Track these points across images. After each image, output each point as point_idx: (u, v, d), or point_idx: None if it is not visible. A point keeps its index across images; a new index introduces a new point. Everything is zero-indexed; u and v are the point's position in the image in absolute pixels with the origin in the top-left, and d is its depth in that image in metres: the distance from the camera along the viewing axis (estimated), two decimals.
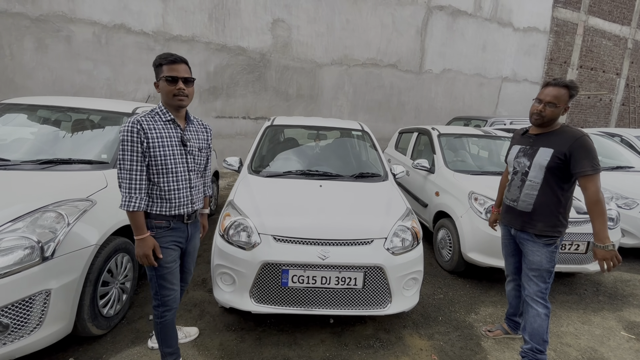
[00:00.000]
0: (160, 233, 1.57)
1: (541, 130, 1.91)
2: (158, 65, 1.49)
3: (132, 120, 1.44)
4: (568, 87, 1.81)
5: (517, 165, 1.99)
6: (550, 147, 1.83)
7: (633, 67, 12.55)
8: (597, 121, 12.34)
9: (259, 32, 7.00)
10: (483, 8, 9.40)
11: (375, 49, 8.25)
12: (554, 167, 1.81)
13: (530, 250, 1.92)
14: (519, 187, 1.96)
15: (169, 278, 1.61)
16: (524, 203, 1.93)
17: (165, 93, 1.50)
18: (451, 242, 3.19)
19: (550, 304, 1.93)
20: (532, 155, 1.90)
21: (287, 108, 7.55)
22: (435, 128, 4.24)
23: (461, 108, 9.78)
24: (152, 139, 1.47)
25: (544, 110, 1.83)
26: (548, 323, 1.90)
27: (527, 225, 1.92)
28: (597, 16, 11.28)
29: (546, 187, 1.86)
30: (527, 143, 1.97)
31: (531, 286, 1.93)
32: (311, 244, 2.03)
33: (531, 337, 1.91)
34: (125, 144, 1.43)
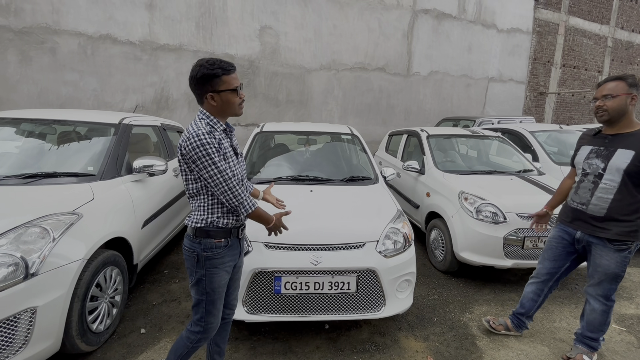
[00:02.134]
0: (219, 253, 1.45)
1: (618, 130, 1.84)
2: (214, 77, 1.34)
3: (202, 133, 1.31)
4: (622, 78, 1.79)
5: (589, 167, 1.90)
6: (632, 148, 1.75)
7: (614, 64, 12.89)
8: (581, 118, 12.61)
9: (246, 39, 7.01)
10: (467, 10, 9.57)
11: (363, 53, 8.33)
12: (634, 171, 1.74)
13: (599, 255, 1.88)
14: (590, 190, 1.88)
15: (218, 304, 1.49)
16: (596, 207, 1.85)
17: (230, 104, 1.40)
18: (444, 242, 3.21)
19: (613, 302, 1.94)
20: (608, 156, 1.82)
21: (277, 114, 7.55)
22: (424, 129, 4.29)
23: (450, 109, 9.90)
24: (223, 149, 1.39)
25: (604, 105, 1.79)
26: (606, 318, 1.96)
27: (598, 229, 1.86)
28: (577, 16, 11.58)
29: (623, 190, 1.78)
30: (601, 144, 1.89)
31: (594, 286, 1.94)
32: (303, 250, 2.03)
33: (587, 326, 2.02)
34: (210, 157, 1.31)
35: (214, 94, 1.37)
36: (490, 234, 2.83)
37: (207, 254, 1.43)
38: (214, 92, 1.36)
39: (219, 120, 1.43)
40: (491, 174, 3.58)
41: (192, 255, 1.44)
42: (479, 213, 2.90)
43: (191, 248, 1.44)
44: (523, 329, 2.31)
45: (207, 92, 1.37)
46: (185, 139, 1.33)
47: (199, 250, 1.43)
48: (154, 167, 2.66)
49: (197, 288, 1.46)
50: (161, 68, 6.39)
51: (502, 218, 2.83)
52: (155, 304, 2.58)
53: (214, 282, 1.45)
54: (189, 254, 1.45)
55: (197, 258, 1.43)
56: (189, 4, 6.44)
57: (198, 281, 1.45)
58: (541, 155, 4.58)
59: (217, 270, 1.45)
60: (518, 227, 2.80)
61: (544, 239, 2.80)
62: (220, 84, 1.36)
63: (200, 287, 1.45)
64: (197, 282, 1.45)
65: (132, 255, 2.41)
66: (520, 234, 2.80)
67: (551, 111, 11.90)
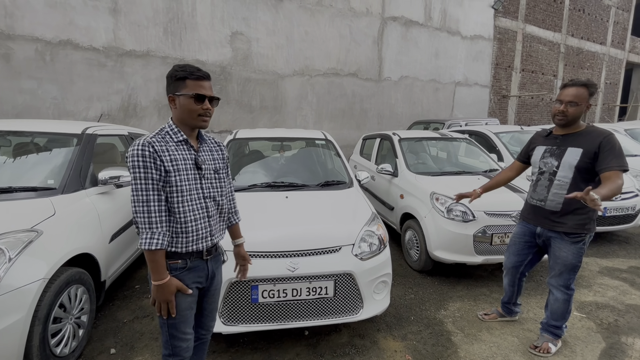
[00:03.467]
0: (175, 276, 1.31)
1: (567, 131, 1.98)
2: (180, 79, 1.27)
3: (141, 142, 1.22)
4: (586, 85, 1.89)
5: (544, 165, 2.04)
6: (580, 146, 1.89)
7: (567, 69, 13.87)
8: (540, 119, 13.44)
9: (217, 46, 6.92)
10: (433, 18, 9.98)
11: (335, 59, 8.45)
12: (583, 167, 1.87)
13: (558, 247, 2.01)
14: (546, 187, 2.01)
15: (182, 327, 1.36)
16: (553, 202, 1.99)
17: (188, 112, 1.28)
18: (418, 242, 3.30)
19: (572, 291, 2.08)
20: (561, 155, 1.96)
21: (251, 120, 7.48)
22: (395, 133, 4.41)
23: (420, 112, 10.23)
24: (167, 162, 1.25)
25: (566, 110, 1.90)
26: (568, 307, 2.10)
27: (556, 224, 1.99)
28: (532, 24, 12.39)
29: (575, 186, 1.89)
30: (553, 144, 2.03)
31: (555, 277, 2.08)
32: (280, 257, 2.01)
33: (551, 315, 2.15)
34: (137, 171, 1.20)
35: (174, 96, 1.29)
36: (461, 232, 2.94)
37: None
38: (173, 94, 1.29)
39: (181, 129, 1.33)
40: (460, 174, 3.74)
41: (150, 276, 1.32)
42: (450, 212, 3.01)
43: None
44: (514, 314, 2.52)
45: (168, 93, 1.31)
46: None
47: None
48: (122, 178, 2.55)
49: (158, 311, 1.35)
50: (128, 75, 6.16)
51: (471, 216, 2.95)
52: (126, 322, 2.47)
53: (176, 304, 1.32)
54: (149, 274, 1.33)
55: None
56: (156, 9, 6.28)
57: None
58: (505, 155, 4.84)
59: (177, 294, 1.31)
60: (486, 225, 2.93)
61: (510, 234, 2.95)
62: (182, 87, 1.27)
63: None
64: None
65: (100, 271, 2.29)
66: (488, 231, 2.93)
67: (513, 113, 12.59)
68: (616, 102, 16.46)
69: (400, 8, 9.30)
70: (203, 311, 1.51)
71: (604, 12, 14.64)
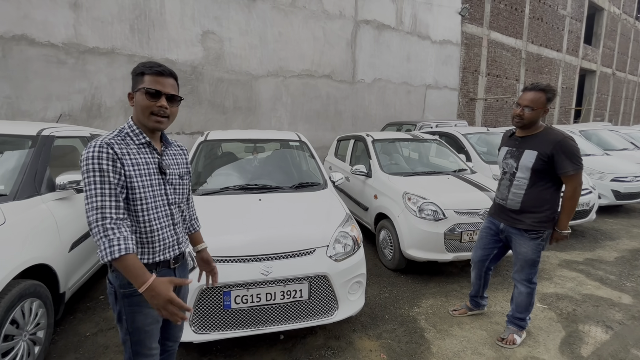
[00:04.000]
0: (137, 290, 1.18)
1: (526, 133, 2.06)
2: (139, 74, 1.17)
3: (98, 144, 1.10)
4: (544, 90, 1.97)
5: (506, 166, 2.14)
6: (535, 149, 1.98)
7: (528, 73, 14.72)
8: (505, 121, 14.15)
9: (188, 44, 6.71)
10: (404, 23, 10.25)
11: (310, 61, 8.46)
12: (538, 168, 1.97)
13: (519, 243, 2.12)
14: (507, 187, 2.13)
15: (147, 343, 1.26)
16: (513, 201, 2.10)
17: (140, 109, 1.17)
18: (392, 242, 3.36)
19: (535, 285, 2.20)
20: (519, 157, 2.05)
21: (224, 121, 7.32)
22: (369, 135, 4.47)
23: (393, 114, 10.46)
24: (128, 166, 1.14)
25: (523, 114, 1.99)
26: (531, 299, 2.21)
27: (516, 221, 2.10)
28: (496, 31, 13.04)
29: (532, 186, 2.01)
30: (513, 145, 2.13)
31: (518, 272, 2.20)
32: (252, 261, 1.97)
33: (516, 308, 2.26)
34: (93, 175, 1.07)
35: (132, 93, 1.19)
36: (432, 230, 3.03)
37: (124, 291, 1.18)
38: (134, 91, 1.19)
39: (143, 131, 1.21)
40: (431, 174, 3.85)
41: (111, 291, 1.22)
42: (422, 212, 3.09)
43: (110, 283, 1.22)
44: (482, 307, 2.63)
45: (131, 91, 1.21)
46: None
47: (116, 285, 1.18)
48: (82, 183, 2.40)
49: (120, 326, 1.24)
50: (91, 73, 5.83)
51: (442, 215, 3.04)
52: (88, 335, 2.32)
53: (137, 321, 1.22)
54: (108, 289, 1.23)
55: (115, 295, 1.21)
56: (121, 5, 5.99)
57: (119, 319, 1.23)
58: (473, 156, 5.04)
59: (139, 309, 1.20)
60: (456, 223, 3.03)
61: (478, 232, 3.07)
62: (139, 82, 1.17)
63: (122, 326, 1.23)
64: (118, 319, 1.24)
65: (58, 283, 2.14)
66: (458, 229, 3.04)
67: (480, 115, 13.18)
68: (572, 105, 17.68)
69: (373, 12, 9.47)
70: (170, 322, 1.39)
71: (559, 21, 15.68)
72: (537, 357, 2.16)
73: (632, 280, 3.25)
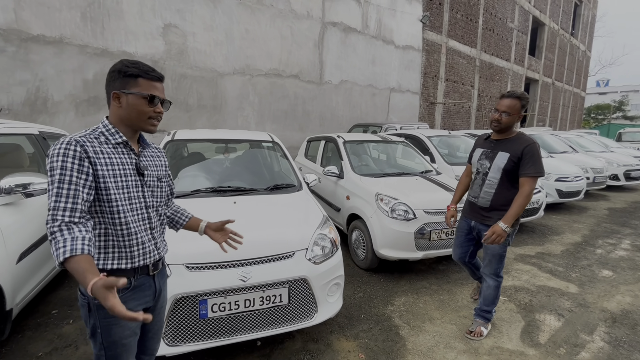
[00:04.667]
0: (121, 297, 1.11)
1: (501, 137, 2.24)
2: (131, 76, 1.12)
3: (67, 141, 1.04)
4: (520, 98, 2.13)
5: (480, 166, 2.30)
6: (507, 151, 2.16)
7: (482, 81, 15.79)
8: (462, 124, 15.06)
9: (148, 37, 6.32)
10: (369, 27, 10.50)
11: (277, 60, 8.36)
12: (509, 169, 2.13)
13: None
14: (480, 186, 2.28)
15: (123, 357, 1.19)
16: (483, 199, 2.26)
17: (137, 113, 1.14)
18: (364, 242, 3.42)
19: (501, 278, 2.35)
20: (493, 158, 2.22)
21: (188, 119, 7.00)
22: (340, 136, 4.52)
23: (359, 116, 10.68)
24: (101, 166, 1.09)
25: (500, 118, 2.15)
26: (497, 292, 2.37)
27: (485, 218, 2.26)
28: (454, 39, 13.83)
29: (502, 186, 2.18)
30: (488, 147, 2.29)
31: (486, 266, 2.34)
32: (230, 267, 1.90)
33: (483, 301, 2.40)
34: (53, 174, 1.01)
35: (120, 93, 1.13)
36: (404, 230, 3.13)
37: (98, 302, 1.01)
38: (121, 91, 1.13)
39: (119, 130, 1.16)
40: (400, 175, 3.98)
41: (84, 303, 1.14)
42: (393, 212, 3.18)
43: (82, 294, 1.14)
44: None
45: (113, 89, 1.13)
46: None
47: (89, 296, 1.01)
48: (32, 186, 2.17)
49: (94, 341, 1.16)
50: (35, 63, 5.27)
51: (412, 215, 3.16)
52: (41, 355, 2.09)
53: (114, 334, 1.15)
54: (80, 300, 1.15)
55: (88, 306, 1.13)
56: None
57: (93, 333, 1.15)
58: (437, 157, 5.30)
59: (115, 320, 1.13)
60: (425, 222, 3.16)
61: (446, 230, 3.22)
62: (133, 85, 1.13)
63: (97, 340, 1.15)
64: (92, 333, 1.16)
65: (4, 299, 1.91)
66: (427, 228, 3.17)
67: (440, 118, 13.90)
68: None
69: (340, 14, 9.59)
70: (147, 333, 1.34)
71: (508, 33, 17.01)
72: (502, 347, 2.31)
73: (577, 271, 3.61)
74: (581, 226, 5.33)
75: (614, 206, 6.84)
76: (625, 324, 2.63)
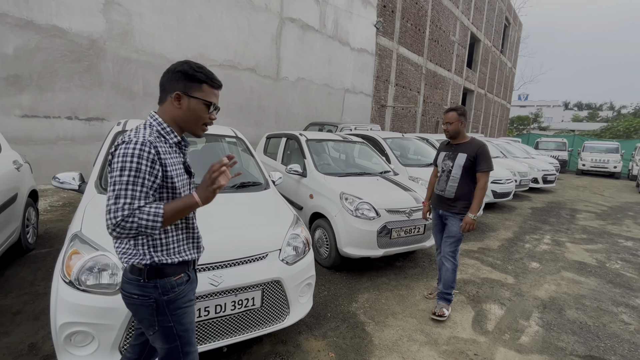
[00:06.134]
0: (182, 291, 1.19)
1: (457, 142, 2.74)
2: (197, 80, 1.14)
3: (140, 141, 1.03)
4: (454, 109, 2.69)
5: (444, 166, 2.77)
6: (465, 152, 2.64)
7: (427, 87, 16.93)
8: (408, 127, 16.00)
9: (85, 13, 5.60)
10: (327, 26, 10.60)
11: (233, 51, 8.02)
12: (467, 166, 2.62)
13: (451, 224, 2.72)
14: (445, 181, 2.75)
15: (193, 340, 1.26)
16: (449, 192, 2.71)
17: (195, 117, 1.16)
18: (328, 240, 3.45)
19: (457, 262, 2.74)
20: (454, 158, 2.70)
21: (132, 108, 6.37)
22: (302, 134, 4.48)
23: (315, 114, 10.74)
24: (169, 166, 1.10)
25: (447, 128, 2.72)
26: (455, 275, 2.74)
27: (451, 207, 2.71)
28: (404, 46, 14.60)
29: (463, 180, 2.65)
30: (449, 150, 2.78)
31: (446, 248, 2.74)
32: (200, 271, 1.77)
33: (443, 284, 2.77)
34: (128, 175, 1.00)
35: (182, 95, 1.13)
36: (367, 228, 3.22)
37: (168, 297, 1.15)
38: (184, 93, 1.13)
39: (174, 130, 1.16)
40: (362, 175, 4.09)
41: (148, 304, 1.14)
42: (357, 211, 3.25)
43: (144, 295, 1.13)
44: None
45: (175, 90, 1.13)
46: (119, 145, 1.04)
47: (156, 295, 1.13)
48: None
49: (165, 337, 1.18)
50: None
51: (375, 214, 3.26)
52: None
53: (186, 321, 1.22)
54: (141, 302, 1.14)
55: (155, 305, 1.14)
56: None
57: (164, 329, 1.17)
58: (392, 158, 5.55)
59: (185, 309, 1.21)
60: (387, 221, 3.29)
61: (405, 228, 3.39)
62: (197, 90, 1.14)
63: (169, 334, 1.18)
64: (162, 330, 1.17)
65: None
66: (388, 227, 3.30)
67: (389, 121, 14.59)
68: None
69: (298, 11, 9.52)
70: None
71: (450, 45, 18.47)
72: (457, 336, 2.51)
73: (512, 263, 4.06)
74: (511, 223, 6.01)
75: (535, 206, 7.84)
76: (553, 309, 3.03)
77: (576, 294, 3.36)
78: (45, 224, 4.21)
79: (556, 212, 7.29)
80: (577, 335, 2.63)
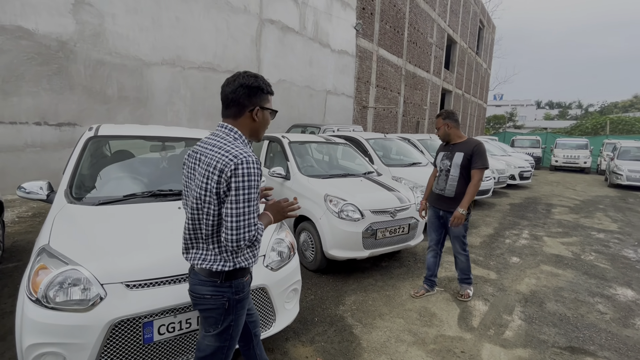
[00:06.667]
0: (247, 292, 1.36)
1: (455, 142, 2.87)
2: (268, 93, 1.31)
3: (254, 160, 1.17)
4: (440, 115, 2.88)
5: (443, 165, 2.89)
6: (462, 151, 2.76)
7: (407, 88, 17.21)
8: (390, 128, 16.20)
9: (53, 13, 5.34)
10: (307, 28, 10.58)
11: (212, 54, 7.87)
12: (465, 165, 2.73)
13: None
14: (444, 181, 2.86)
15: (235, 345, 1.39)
16: (449, 191, 2.82)
17: (265, 126, 1.34)
18: (313, 243, 3.41)
19: (468, 251, 2.97)
20: (452, 158, 2.81)
21: (106, 112, 6.12)
22: (285, 136, 4.43)
23: (297, 116, 10.69)
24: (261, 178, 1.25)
25: (438, 134, 2.92)
26: (469, 262, 3.01)
27: (451, 206, 2.80)
28: (383, 48, 14.79)
29: (461, 179, 2.76)
30: (447, 150, 2.90)
31: (456, 246, 2.95)
32: (180, 281, 1.70)
33: (461, 271, 3.05)
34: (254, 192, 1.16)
35: (260, 109, 1.28)
36: (352, 230, 3.20)
37: (239, 297, 1.30)
38: (261, 107, 1.28)
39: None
40: (346, 176, 4.07)
41: (221, 302, 1.27)
42: (342, 213, 3.23)
43: (218, 294, 1.26)
44: (435, 287, 3.16)
45: (255, 105, 1.27)
46: (230, 161, 1.13)
47: (230, 294, 1.28)
48: None
49: (222, 336, 1.31)
50: None
51: (360, 215, 3.25)
52: None
53: (240, 323, 1.35)
54: (214, 302, 1.27)
55: (227, 304, 1.28)
56: None
57: (226, 328, 1.30)
58: (375, 159, 5.57)
59: (243, 311, 1.35)
60: (372, 222, 3.29)
61: (389, 229, 3.39)
62: (266, 100, 1.31)
63: (226, 334, 1.31)
64: (224, 329, 1.30)
65: None
66: (373, 227, 3.29)
67: (371, 122, 14.73)
68: None
69: (278, 12, 9.46)
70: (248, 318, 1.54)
71: (428, 47, 18.87)
72: (444, 334, 2.52)
73: (494, 259, 4.15)
74: (492, 220, 6.16)
75: (513, 202, 8.08)
76: (534, 302, 3.10)
77: (555, 286, 3.47)
78: (13, 236, 3.96)
79: (533, 207, 7.54)
80: (558, 327, 2.70)
